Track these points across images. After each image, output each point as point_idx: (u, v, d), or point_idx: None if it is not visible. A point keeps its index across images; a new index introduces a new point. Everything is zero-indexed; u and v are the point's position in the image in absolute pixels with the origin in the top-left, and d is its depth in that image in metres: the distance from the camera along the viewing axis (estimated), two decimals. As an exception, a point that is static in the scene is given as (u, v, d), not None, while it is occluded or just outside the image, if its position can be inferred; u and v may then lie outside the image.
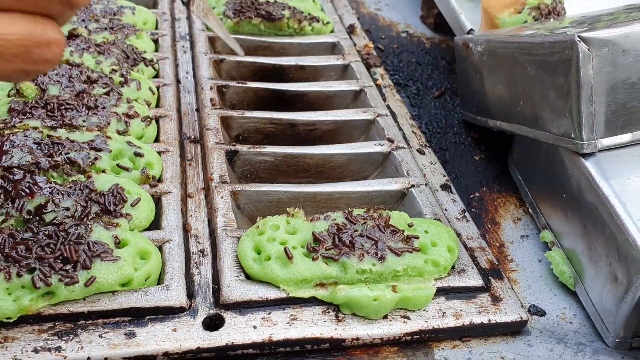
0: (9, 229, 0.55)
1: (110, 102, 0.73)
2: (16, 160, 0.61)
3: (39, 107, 0.70)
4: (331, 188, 0.70)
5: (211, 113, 0.79)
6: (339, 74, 0.95)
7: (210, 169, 0.70)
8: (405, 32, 1.13)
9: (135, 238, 0.57)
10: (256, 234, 0.59)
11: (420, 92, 0.96)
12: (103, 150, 0.65)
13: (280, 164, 0.76)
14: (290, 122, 0.81)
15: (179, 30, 0.99)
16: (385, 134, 0.80)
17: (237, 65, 0.92)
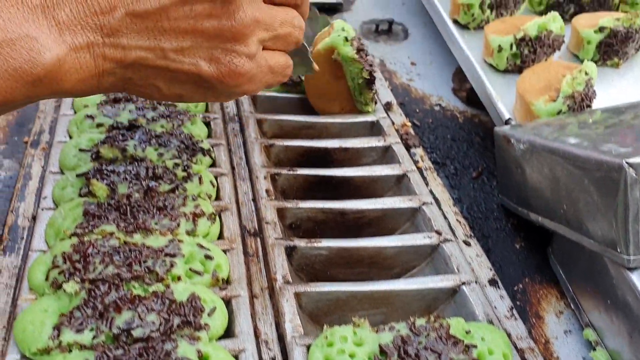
0: (102, 346, 0.60)
1: (177, 201, 0.77)
2: (99, 271, 0.66)
3: (112, 209, 0.75)
4: (387, 286, 0.75)
5: (268, 205, 0.83)
6: (380, 155, 1.00)
7: (273, 267, 0.74)
8: (438, 105, 1.18)
9: (215, 351, 0.62)
10: (325, 344, 0.64)
11: (458, 171, 1.01)
12: (177, 256, 0.70)
13: (335, 256, 0.80)
14: (340, 211, 0.86)
15: (228, 111, 1.03)
16: (432, 224, 0.84)
17: (285, 149, 0.97)
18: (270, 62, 0.59)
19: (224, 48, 0.53)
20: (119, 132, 0.87)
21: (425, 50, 1.35)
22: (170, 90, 0.55)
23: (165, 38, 0.51)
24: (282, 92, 1.09)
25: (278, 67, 0.60)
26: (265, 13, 0.55)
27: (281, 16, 0.58)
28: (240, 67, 0.54)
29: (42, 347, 0.60)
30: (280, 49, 0.60)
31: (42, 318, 0.62)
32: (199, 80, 0.55)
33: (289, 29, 0.59)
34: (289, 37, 0.60)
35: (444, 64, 1.30)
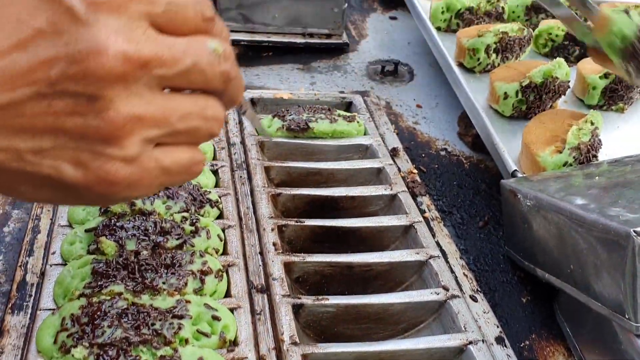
0: (110, 414, 0.60)
1: (185, 257, 0.78)
2: (108, 335, 0.66)
3: (120, 267, 0.75)
4: (394, 346, 0.75)
5: (275, 260, 0.84)
6: (387, 203, 1.00)
7: (280, 327, 0.75)
8: (444, 149, 1.19)
9: (223, 419, 0.62)
10: (333, 410, 0.64)
11: (465, 221, 1.01)
12: (184, 317, 0.70)
13: (342, 313, 0.80)
14: (348, 264, 0.86)
15: (235, 158, 1.04)
16: (439, 279, 0.84)
17: (292, 197, 0.98)
18: (165, 162, 0.47)
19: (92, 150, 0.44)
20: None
21: (430, 92, 1.36)
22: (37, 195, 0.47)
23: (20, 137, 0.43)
24: (290, 137, 1.10)
25: (177, 167, 0.48)
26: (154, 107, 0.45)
27: (184, 108, 0.47)
28: (113, 174, 0.44)
29: (50, 415, 0.60)
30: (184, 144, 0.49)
31: (51, 384, 0.62)
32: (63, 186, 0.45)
33: (196, 122, 0.48)
34: (196, 132, 0.48)
35: (449, 107, 1.31)
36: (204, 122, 0.48)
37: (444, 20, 1.44)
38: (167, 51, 0.44)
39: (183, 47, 0.45)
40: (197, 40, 0.46)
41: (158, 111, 0.45)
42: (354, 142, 1.11)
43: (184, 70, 0.45)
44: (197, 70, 0.46)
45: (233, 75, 0.49)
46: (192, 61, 0.45)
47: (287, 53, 1.44)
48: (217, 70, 0.47)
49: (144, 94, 0.44)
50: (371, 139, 1.12)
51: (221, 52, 0.47)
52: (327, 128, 1.10)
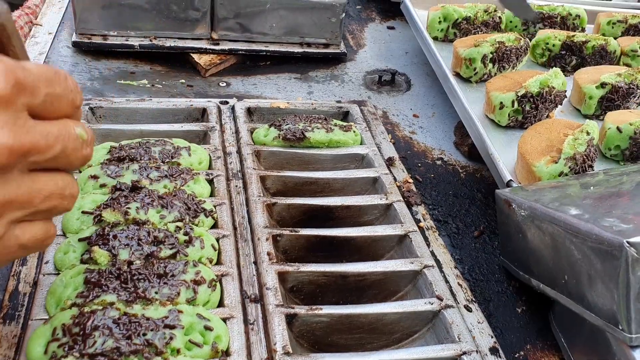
0: None
1: (178, 267, 0.77)
2: (99, 345, 0.66)
3: (113, 277, 0.75)
4: (389, 356, 0.74)
5: (269, 269, 0.84)
6: (382, 212, 1.00)
7: (273, 337, 0.74)
8: (440, 159, 1.18)
9: None
10: (325, 421, 0.63)
11: (460, 230, 1.01)
12: (176, 327, 0.70)
13: (336, 323, 0.80)
14: (342, 274, 0.86)
15: (231, 167, 1.04)
16: (433, 289, 0.84)
17: (287, 207, 0.98)
18: (23, 239, 0.51)
19: None
20: (122, 193, 0.88)
21: (427, 101, 1.36)
22: None
23: None
24: (286, 146, 1.10)
25: (33, 242, 0.52)
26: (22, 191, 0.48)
27: (47, 189, 0.51)
28: None
29: None
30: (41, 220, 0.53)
31: (40, 395, 0.62)
32: None
33: (56, 202, 0.52)
34: (54, 210, 0.52)
35: (446, 116, 1.31)
36: (61, 201, 0.52)
37: (441, 30, 1.44)
38: (43, 140, 0.48)
39: (55, 134, 0.49)
40: (66, 127, 0.50)
41: (25, 194, 0.49)
42: (350, 152, 1.11)
43: (54, 156, 0.49)
44: (64, 155, 0.50)
45: (90, 157, 0.54)
46: (61, 147, 0.49)
47: (284, 62, 1.44)
48: (80, 155, 0.52)
49: (16, 179, 0.48)
50: (367, 148, 1.12)
51: (85, 137, 0.53)
52: (324, 137, 1.10)
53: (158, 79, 1.34)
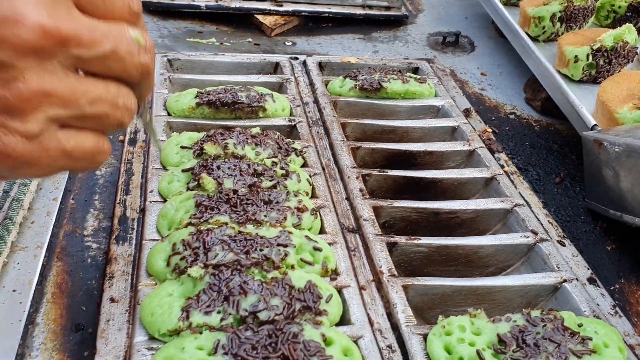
0: (231, 327, 0.61)
1: (281, 196, 0.79)
2: (220, 258, 0.68)
3: (222, 201, 0.77)
4: (491, 282, 0.75)
5: (364, 203, 0.85)
6: (464, 159, 1.01)
7: (378, 261, 0.76)
8: (512, 113, 1.19)
9: (338, 336, 0.63)
10: (443, 333, 0.65)
11: (541, 177, 1.02)
12: (289, 246, 0.72)
13: (433, 254, 0.81)
14: (434, 210, 0.87)
15: (310, 115, 1.06)
16: (526, 225, 0.85)
17: (371, 151, 0.99)
18: (67, 145, 0.46)
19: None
20: (217, 130, 0.90)
21: (493, 62, 1.37)
22: None
23: None
24: (362, 97, 1.11)
25: (80, 152, 0.47)
26: (64, 86, 0.44)
27: (95, 92, 0.45)
28: (10, 148, 0.43)
29: (172, 328, 0.61)
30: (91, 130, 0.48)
31: (169, 301, 0.64)
32: None
33: (106, 109, 0.46)
34: (105, 119, 0.47)
35: (513, 75, 1.32)
36: (113, 110, 0.47)
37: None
38: (87, 32, 0.43)
39: (104, 31, 0.44)
40: (119, 27, 0.45)
41: (68, 91, 0.44)
42: (425, 103, 1.12)
43: (101, 55, 0.44)
44: (116, 57, 0.45)
45: (151, 70, 0.48)
46: (111, 47, 0.44)
47: (346, 24, 1.45)
48: (136, 61, 0.46)
49: (57, 72, 0.43)
50: (442, 100, 1.13)
51: (143, 43, 0.47)
52: (400, 88, 1.11)
53: (225, 38, 1.35)
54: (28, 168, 0.45)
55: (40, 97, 0.42)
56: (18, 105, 0.42)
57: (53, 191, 0.83)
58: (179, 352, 0.58)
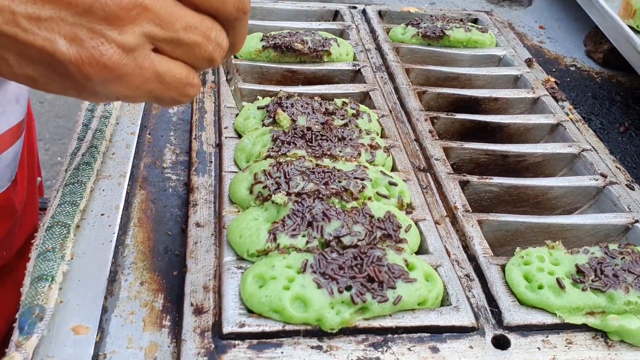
0: (318, 250, 0.63)
1: (354, 133, 0.80)
2: (301, 187, 0.70)
3: (298, 137, 0.78)
4: (563, 220, 0.76)
5: (434, 144, 0.86)
6: (529, 106, 1.01)
7: (452, 198, 0.77)
8: (573, 65, 1.18)
9: (419, 262, 0.64)
10: (522, 263, 0.66)
11: (605, 126, 1.02)
12: (365, 180, 0.73)
13: (504, 194, 0.82)
14: (503, 153, 0.88)
15: (373, 61, 1.06)
16: (595, 168, 0.85)
17: (436, 96, 1.00)
18: (160, 67, 0.46)
19: (91, 29, 0.42)
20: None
21: (551, 15, 1.36)
22: (22, 69, 0.44)
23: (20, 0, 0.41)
24: (424, 44, 1.11)
25: (171, 78, 0.47)
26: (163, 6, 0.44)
27: (190, 19, 0.46)
28: (107, 56, 0.43)
29: (261, 249, 0.63)
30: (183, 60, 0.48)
31: (256, 225, 0.66)
32: (54, 62, 0.43)
33: (198, 38, 0.46)
34: (197, 49, 0.47)
35: (572, 28, 1.30)
36: (205, 42, 0.47)
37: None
38: None
39: None
40: None
41: (166, 11, 0.44)
42: (487, 53, 1.12)
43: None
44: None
45: (247, 9, 0.48)
46: None
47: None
48: None
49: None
50: (504, 50, 1.13)
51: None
52: (463, 36, 1.11)
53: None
54: (119, 84, 0.45)
55: (140, 9, 0.43)
56: (118, 13, 0.42)
57: (130, 126, 0.85)
58: (269, 269, 0.60)
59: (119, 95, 0.47)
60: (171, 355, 0.58)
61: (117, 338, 0.59)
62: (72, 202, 0.68)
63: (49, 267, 0.61)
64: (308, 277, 0.60)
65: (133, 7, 0.42)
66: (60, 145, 2.90)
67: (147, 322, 0.61)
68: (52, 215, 0.66)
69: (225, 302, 0.60)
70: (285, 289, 0.59)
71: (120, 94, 0.47)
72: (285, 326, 0.58)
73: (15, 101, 0.78)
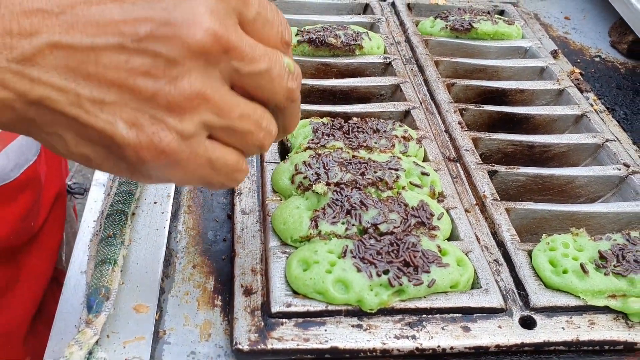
0: (356, 236, 0.68)
1: (388, 125, 0.85)
2: (340, 177, 0.74)
3: (336, 128, 0.83)
4: (587, 208, 0.80)
5: (463, 135, 0.90)
6: (554, 98, 1.05)
7: (481, 187, 0.81)
8: (597, 56, 1.21)
9: (451, 248, 0.69)
10: (547, 249, 0.70)
11: (629, 116, 1.05)
12: (399, 170, 0.78)
13: (530, 183, 0.86)
14: (529, 143, 0.92)
15: (403, 54, 1.10)
16: (618, 158, 0.89)
17: (465, 88, 1.04)
18: (213, 154, 0.47)
19: (152, 115, 0.43)
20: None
21: (577, 6, 1.38)
22: (78, 148, 0.46)
23: (85, 83, 0.42)
24: (453, 37, 1.15)
25: (222, 164, 0.48)
26: (221, 95, 0.45)
27: (244, 108, 0.47)
28: (166, 142, 0.44)
29: (304, 235, 0.69)
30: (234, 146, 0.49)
31: (298, 212, 0.71)
32: (111, 144, 0.44)
33: (251, 127, 0.48)
34: (249, 136, 0.48)
35: (597, 19, 1.33)
36: (258, 130, 0.48)
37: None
38: (249, 48, 0.46)
39: (262, 51, 0.47)
40: (274, 52, 0.48)
41: (223, 100, 0.45)
42: (514, 44, 1.16)
43: (256, 72, 0.46)
44: (268, 77, 0.47)
45: (296, 97, 0.50)
46: (266, 66, 0.46)
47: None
48: (285, 85, 0.48)
49: (217, 80, 0.45)
50: (530, 42, 1.16)
51: (293, 70, 0.49)
52: (490, 29, 1.14)
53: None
54: (174, 169, 0.46)
55: (200, 99, 0.44)
56: (179, 102, 0.43)
57: (175, 118, 0.91)
58: (312, 254, 0.66)
59: (172, 179, 0.49)
60: (224, 332, 0.63)
61: (174, 316, 0.64)
62: (128, 191, 0.73)
63: (111, 252, 0.66)
64: (348, 262, 0.65)
65: (195, 97, 0.44)
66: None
67: (201, 301, 0.66)
68: (111, 203, 0.72)
69: (272, 284, 0.65)
70: (328, 272, 0.64)
71: (173, 178, 0.49)
72: (328, 306, 0.63)
73: None
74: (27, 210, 0.92)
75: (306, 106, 0.91)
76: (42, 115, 0.43)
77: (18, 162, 0.87)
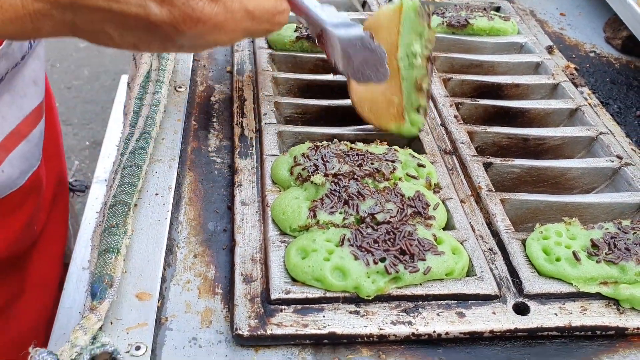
0: (354, 225, 0.70)
1: (385, 119, 0.87)
2: (338, 169, 0.76)
3: (333, 121, 0.85)
4: (580, 199, 0.82)
5: (459, 128, 0.92)
6: (549, 92, 1.07)
7: (476, 178, 0.83)
8: (592, 52, 1.23)
9: (447, 237, 0.71)
10: (541, 238, 0.72)
11: (622, 110, 1.07)
12: (396, 162, 0.79)
13: (525, 175, 0.88)
14: (524, 137, 0.93)
15: (401, 49, 1.12)
16: (611, 151, 0.91)
17: (461, 83, 1.05)
18: (249, 5, 0.49)
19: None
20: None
21: (572, 2, 1.40)
22: (123, 38, 0.47)
23: None
24: (449, 33, 1.16)
25: (261, 12, 0.50)
26: None
27: None
28: (199, 11, 0.45)
29: (302, 224, 0.70)
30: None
31: (297, 203, 0.73)
32: (149, 26, 0.46)
33: None
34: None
35: (592, 15, 1.35)
36: None
37: None
38: None
39: None
40: None
41: None
42: (509, 40, 1.17)
43: None
44: None
45: None
46: None
47: (427, -34, 1.49)
48: None
49: None
50: (525, 37, 1.18)
51: None
52: (486, 25, 1.16)
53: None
54: (216, 32, 0.48)
55: None
56: None
57: (176, 113, 0.92)
58: (310, 242, 0.67)
59: (218, 42, 0.51)
60: (224, 319, 0.65)
61: (176, 304, 0.66)
62: (131, 183, 0.75)
63: (114, 241, 0.68)
64: (346, 250, 0.66)
65: None
66: (88, 130, 2.96)
67: (202, 290, 0.68)
68: (114, 194, 0.73)
69: (272, 272, 0.66)
70: (326, 260, 0.66)
71: (219, 41, 0.50)
72: (326, 293, 0.65)
73: (34, 83, 0.84)
74: (31, 216, 0.93)
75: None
76: (79, 16, 0.45)
77: (23, 169, 0.88)
